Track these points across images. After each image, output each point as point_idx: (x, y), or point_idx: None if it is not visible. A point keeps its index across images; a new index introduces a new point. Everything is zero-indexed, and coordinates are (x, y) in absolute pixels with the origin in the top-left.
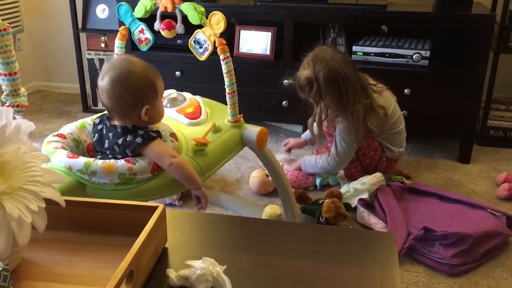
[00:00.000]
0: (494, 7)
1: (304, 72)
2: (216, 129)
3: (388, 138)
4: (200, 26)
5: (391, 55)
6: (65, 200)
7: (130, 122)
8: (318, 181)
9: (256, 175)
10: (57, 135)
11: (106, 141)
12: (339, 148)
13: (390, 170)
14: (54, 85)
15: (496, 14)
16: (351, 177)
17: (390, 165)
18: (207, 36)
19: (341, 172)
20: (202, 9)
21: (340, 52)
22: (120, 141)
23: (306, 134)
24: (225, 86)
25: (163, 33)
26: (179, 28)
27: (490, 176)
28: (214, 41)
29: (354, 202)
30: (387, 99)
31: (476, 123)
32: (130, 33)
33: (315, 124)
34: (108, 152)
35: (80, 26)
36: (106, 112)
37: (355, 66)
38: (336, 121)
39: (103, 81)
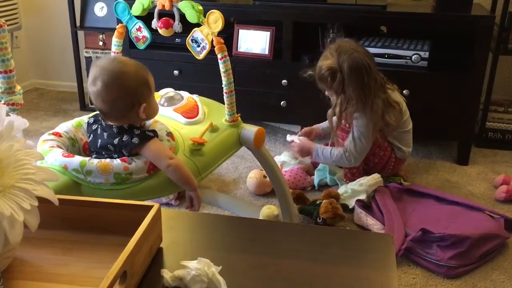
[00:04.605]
0: (493, 9)
1: (327, 62)
2: (213, 129)
3: (398, 137)
4: (198, 25)
5: (390, 56)
6: (59, 199)
7: (127, 122)
8: (316, 181)
9: (253, 175)
10: (53, 134)
11: (99, 140)
12: (358, 143)
13: (396, 171)
14: (51, 83)
15: (495, 16)
16: (350, 178)
17: (398, 166)
18: (205, 35)
19: (340, 172)
20: (200, 7)
21: (361, 45)
22: (116, 141)
23: (322, 125)
24: (223, 86)
25: (160, 31)
26: (177, 26)
27: (488, 178)
28: (212, 40)
29: (351, 203)
30: (398, 97)
31: (475, 124)
32: (127, 31)
33: (331, 117)
34: (103, 152)
35: (78, 24)
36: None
37: (374, 60)
38: (354, 116)
39: (96, 86)
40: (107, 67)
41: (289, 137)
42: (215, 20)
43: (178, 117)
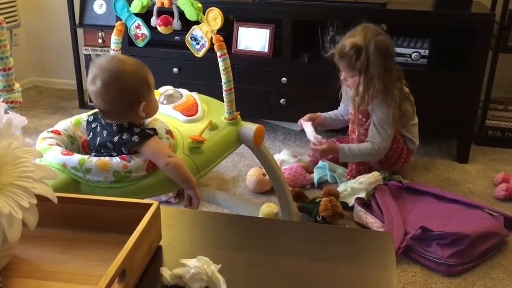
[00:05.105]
0: (493, 7)
1: (352, 39)
2: (212, 127)
3: (408, 129)
4: (197, 22)
5: None
6: (58, 197)
7: (126, 120)
8: (316, 178)
9: (253, 173)
10: (52, 132)
11: (98, 138)
12: (383, 134)
13: (406, 164)
14: (50, 81)
15: (495, 14)
16: (355, 175)
17: (408, 158)
18: (204, 33)
19: (339, 169)
20: (199, 5)
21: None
22: (115, 139)
23: (325, 115)
24: (222, 83)
25: (159, 29)
26: (176, 24)
27: (488, 176)
28: (211, 38)
29: (351, 201)
30: (407, 90)
31: (474, 122)
32: (126, 28)
33: (354, 98)
34: (102, 150)
35: (77, 21)
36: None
37: None
38: (374, 106)
39: (95, 85)
40: (106, 66)
41: (308, 132)
42: (214, 17)
43: (177, 115)
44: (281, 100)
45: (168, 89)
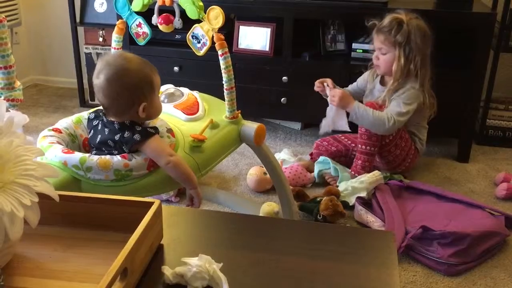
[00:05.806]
0: (494, 6)
1: (396, 15)
2: (213, 125)
3: (420, 130)
4: (198, 21)
5: None
6: (59, 195)
7: (128, 118)
8: (316, 172)
9: (253, 172)
10: (53, 130)
11: (99, 136)
12: (400, 112)
13: (413, 165)
14: (51, 79)
15: (496, 13)
16: (359, 171)
17: (414, 159)
18: (205, 31)
19: (339, 166)
20: (201, 3)
21: None
22: (117, 137)
23: (349, 89)
24: (223, 82)
25: (160, 27)
26: (177, 22)
27: (489, 175)
28: (213, 36)
29: (352, 200)
30: None
31: (475, 122)
32: (127, 27)
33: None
34: (103, 148)
35: (78, 20)
36: (101, 107)
37: None
38: (407, 88)
39: (99, 79)
40: (111, 62)
41: (328, 116)
42: (216, 16)
43: (179, 114)
44: (282, 99)
45: (169, 87)
